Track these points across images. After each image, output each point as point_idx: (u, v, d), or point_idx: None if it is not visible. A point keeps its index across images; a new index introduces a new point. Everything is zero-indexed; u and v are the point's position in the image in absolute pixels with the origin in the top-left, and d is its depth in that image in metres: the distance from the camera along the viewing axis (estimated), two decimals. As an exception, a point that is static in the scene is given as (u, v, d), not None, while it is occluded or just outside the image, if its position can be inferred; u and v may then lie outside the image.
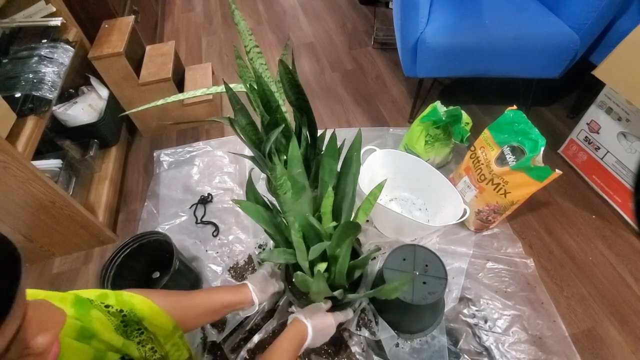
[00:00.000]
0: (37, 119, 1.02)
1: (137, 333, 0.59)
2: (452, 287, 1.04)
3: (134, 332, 0.58)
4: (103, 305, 0.55)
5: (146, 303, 0.61)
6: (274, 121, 0.93)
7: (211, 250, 1.19)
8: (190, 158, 1.49)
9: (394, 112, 1.63)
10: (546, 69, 1.27)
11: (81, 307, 0.52)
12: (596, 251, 1.12)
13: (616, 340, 0.96)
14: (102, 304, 0.55)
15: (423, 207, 1.23)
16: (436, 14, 1.26)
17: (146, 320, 0.59)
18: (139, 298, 0.60)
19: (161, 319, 0.62)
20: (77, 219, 1.12)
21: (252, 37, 0.98)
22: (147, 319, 0.60)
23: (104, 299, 0.57)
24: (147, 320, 0.60)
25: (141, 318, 0.59)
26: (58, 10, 1.29)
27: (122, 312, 0.57)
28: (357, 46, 2.02)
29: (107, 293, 0.58)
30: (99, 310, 0.54)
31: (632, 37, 0.98)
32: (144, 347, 0.59)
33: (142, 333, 0.59)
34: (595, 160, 1.24)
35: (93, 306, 0.54)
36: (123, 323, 0.57)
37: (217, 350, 0.96)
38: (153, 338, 0.60)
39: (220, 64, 1.99)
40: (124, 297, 0.59)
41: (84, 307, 0.53)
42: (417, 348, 0.94)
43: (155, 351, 0.60)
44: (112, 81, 1.42)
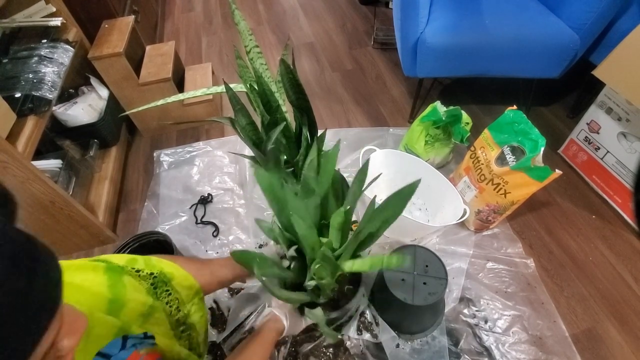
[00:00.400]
0: (37, 119, 1.02)
1: (165, 294, 0.63)
2: (453, 288, 1.04)
3: (162, 293, 0.63)
4: (134, 270, 0.60)
5: (173, 266, 0.66)
6: (274, 121, 0.93)
7: (211, 250, 1.19)
8: (190, 158, 1.49)
9: (394, 112, 1.63)
10: (546, 69, 1.27)
11: (113, 274, 0.56)
12: (596, 251, 1.12)
13: (616, 340, 0.96)
14: (133, 269, 0.60)
15: (423, 207, 1.23)
16: (436, 14, 1.26)
17: (174, 281, 0.64)
18: (166, 262, 0.65)
19: (187, 280, 0.67)
20: (77, 219, 1.12)
21: (252, 37, 0.98)
22: (176, 279, 0.64)
23: (134, 263, 0.61)
24: (175, 281, 0.64)
25: (170, 279, 0.64)
26: (58, 10, 1.29)
27: (152, 274, 0.61)
28: (357, 46, 2.02)
29: (136, 258, 0.62)
30: (130, 276, 0.58)
31: (632, 37, 0.98)
32: (171, 307, 0.63)
33: (170, 294, 0.64)
34: (595, 160, 1.24)
35: (125, 272, 0.58)
36: (153, 285, 0.61)
37: (217, 350, 0.96)
38: (179, 298, 0.65)
39: (220, 64, 1.99)
40: (153, 261, 0.64)
41: (116, 273, 0.57)
42: (418, 348, 0.94)
43: (179, 310, 0.65)
44: (112, 81, 1.42)
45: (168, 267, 0.65)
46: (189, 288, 0.67)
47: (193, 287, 0.68)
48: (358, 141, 1.48)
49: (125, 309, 0.55)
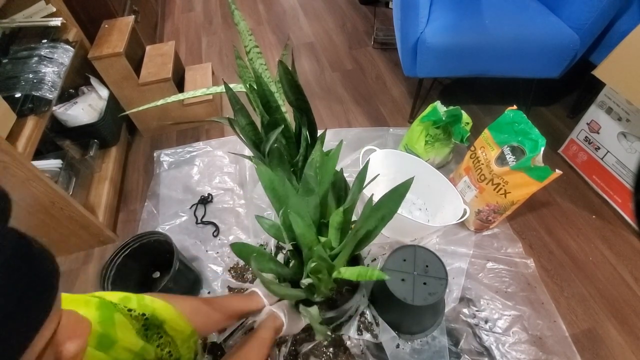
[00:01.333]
0: (37, 119, 1.02)
1: (157, 337, 0.61)
2: (453, 288, 1.04)
3: (154, 335, 0.60)
4: (126, 309, 0.57)
5: (167, 308, 0.63)
6: (273, 121, 0.93)
7: (211, 250, 1.19)
8: (191, 158, 1.49)
9: (394, 112, 1.63)
10: (546, 69, 1.27)
11: (105, 310, 0.54)
12: (596, 251, 1.12)
13: (616, 340, 0.96)
14: (125, 308, 0.57)
15: (423, 207, 1.23)
16: (436, 14, 1.26)
17: (167, 324, 0.62)
18: (160, 303, 0.62)
19: (181, 323, 0.64)
20: (77, 219, 1.12)
21: (252, 37, 0.98)
22: (168, 322, 0.62)
23: (127, 302, 0.59)
24: (168, 324, 0.62)
25: (162, 322, 0.61)
26: (58, 10, 1.29)
27: (144, 315, 0.59)
28: (357, 46, 2.02)
29: (130, 296, 0.60)
30: (122, 314, 0.56)
31: (632, 37, 0.98)
32: (162, 350, 0.61)
33: (162, 337, 0.61)
34: (595, 160, 1.24)
35: (116, 309, 0.56)
36: (144, 327, 0.59)
37: (218, 350, 0.96)
38: (171, 341, 0.62)
39: (220, 64, 1.99)
40: (146, 301, 0.61)
41: (108, 310, 0.55)
42: (418, 349, 0.94)
43: (171, 355, 0.63)
44: (112, 81, 1.42)
45: (160, 309, 0.61)
46: (182, 332, 0.64)
47: (186, 330, 0.64)
48: (358, 141, 1.48)
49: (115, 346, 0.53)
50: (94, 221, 1.16)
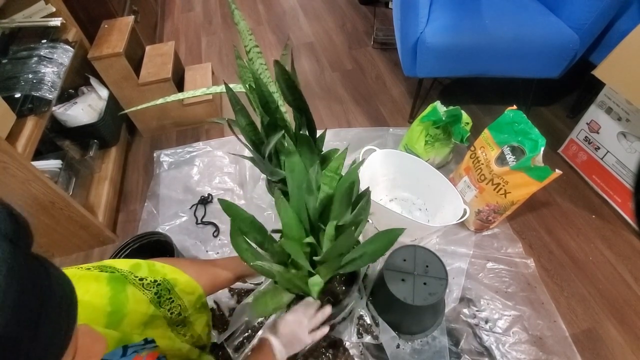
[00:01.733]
0: (37, 119, 1.02)
1: (168, 302, 0.62)
2: (453, 288, 1.04)
3: (165, 301, 0.62)
4: (137, 279, 0.59)
5: (176, 272, 0.65)
6: (273, 122, 0.93)
7: (211, 250, 1.19)
8: (190, 158, 1.48)
9: (393, 112, 1.63)
10: (546, 69, 1.27)
11: (117, 284, 0.55)
12: (596, 251, 1.12)
13: (616, 340, 0.96)
14: (137, 278, 0.59)
15: (423, 207, 1.23)
16: (436, 14, 1.26)
17: (178, 287, 0.63)
18: (169, 268, 0.64)
19: (190, 286, 0.66)
20: (77, 220, 1.12)
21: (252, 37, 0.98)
22: (179, 286, 0.64)
23: (137, 269, 0.60)
24: (179, 287, 0.64)
25: (173, 285, 0.63)
26: (58, 10, 1.29)
27: (156, 282, 0.61)
28: (357, 46, 2.02)
29: (140, 263, 0.62)
30: (134, 285, 0.58)
31: (632, 37, 0.98)
32: (172, 313, 0.63)
33: (173, 301, 0.63)
34: (595, 160, 1.24)
35: (128, 281, 0.57)
36: (157, 294, 0.60)
37: (219, 350, 0.96)
38: (181, 305, 0.64)
39: (220, 64, 1.99)
40: (157, 266, 0.63)
41: (119, 284, 0.56)
42: (418, 349, 0.94)
43: (180, 315, 0.64)
44: (112, 81, 1.41)
45: (171, 273, 0.64)
46: (192, 293, 0.66)
47: (196, 291, 0.67)
48: (358, 141, 1.48)
49: (125, 320, 0.54)
50: (94, 221, 1.16)
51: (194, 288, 0.67)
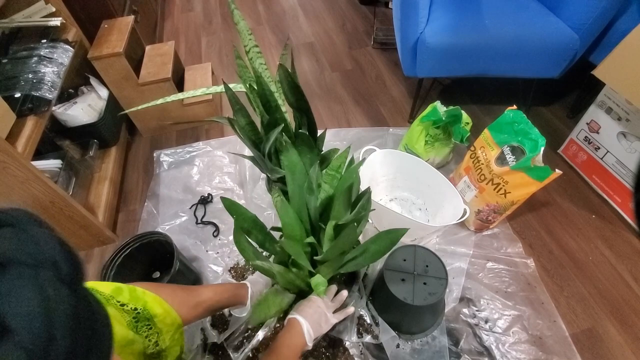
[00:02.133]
0: (37, 119, 1.02)
1: (145, 328, 0.62)
2: (453, 288, 1.04)
3: (143, 327, 0.61)
4: (119, 303, 0.59)
5: (157, 301, 0.64)
6: (273, 121, 0.93)
7: (211, 250, 1.19)
8: (190, 158, 1.48)
9: (393, 112, 1.63)
10: (546, 68, 1.27)
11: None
12: (596, 251, 1.12)
13: (616, 340, 0.96)
14: (118, 302, 0.58)
15: (423, 207, 1.23)
16: (436, 13, 1.26)
17: (157, 318, 0.63)
18: (151, 296, 0.63)
19: (171, 316, 0.65)
20: (77, 219, 1.12)
21: (252, 37, 0.98)
22: (158, 316, 0.63)
23: (119, 294, 0.60)
24: (158, 317, 0.63)
25: (153, 315, 0.62)
26: (57, 10, 1.29)
27: (135, 309, 0.60)
28: (356, 46, 2.02)
29: (121, 287, 0.61)
30: (114, 308, 0.58)
31: (632, 37, 0.98)
32: (150, 341, 0.62)
33: (150, 328, 0.62)
34: (595, 160, 1.24)
35: (109, 304, 0.57)
36: (135, 319, 0.60)
37: (219, 350, 0.96)
38: (159, 333, 0.63)
39: (220, 64, 1.99)
40: (138, 293, 0.62)
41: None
42: (418, 349, 0.94)
43: (157, 345, 0.63)
44: (112, 81, 1.41)
45: (152, 302, 0.63)
46: (171, 324, 0.65)
47: (175, 322, 0.66)
48: (358, 141, 1.48)
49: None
50: (94, 221, 1.16)
51: (173, 319, 0.66)
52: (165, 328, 0.64)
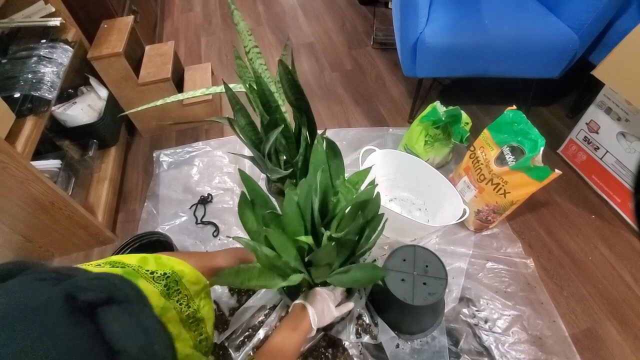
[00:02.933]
0: (36, 119, 1.02)
1: (176, 293, 0.64)
2: (452, 288, 1.04)
3: (174, 292, 0.64)
4: (148, 272, 0.60)
5: (182, 264, 0.67)
6: (273, 121, 0.93)
7: (211, 250, 1.19)
8: (190, 158, 1.48)
9: (393, 112, 1.63)
10: (545, 69, 1.27)
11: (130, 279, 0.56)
12: (596, 251, 1.13)
13: (616, 340, 0.96)
14: (147, 272, 0.60)
15: (423, 207, 1.23)
16: (436, 14, 1.26)
17: (185, 279, 0.65)
18: (175, 260, 0.66)
19: (196, 277, 0.68)
20: (77, 219, 1.12)
21: (252, 37, 0.98)
22: (186, 277, 0.66)
23: (145, 263, 0.61)
24: (186, 278, 0.66)
25: (180, 277, 0.65)
26: (57, 10, 1.29)
27: (165, 274, 0.62)
28: (356, 46, 2.02)
29: (147, 257, 0.63)
30: (145, 279, 0.59)
31: (632, 37, 0.98)
32: (181, 304, 0.64)
33: (180, 292, 0.65)
34: (595, 160, 1.24)
35: (139, 275, 0.59)
36: (166, 287, 0.62)
37: (219, 350, 0.96)
38: (188, 295, 0.66)
39: (219, 64, 1.99)
40: (163, 260, 0.65)
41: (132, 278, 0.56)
42: (418, 349, 0.94)
43: (189, 307, 0.66)
44: (112, 81, 1.41)
45: (178, 265, 0.66)
46: (197, 284, 0.68)
47: (201, 282, 0.69)
48: (357, 141, 1.48)
49: None
50: (93, 221, 1.16)
51: (198, 278, 0.69)
52: (192, 288, 0.67)
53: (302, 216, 0.76)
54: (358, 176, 0.77)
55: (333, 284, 0.81)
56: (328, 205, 0.79)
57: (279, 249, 0.71)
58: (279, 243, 0.71)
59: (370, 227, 0.78)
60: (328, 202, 0.79)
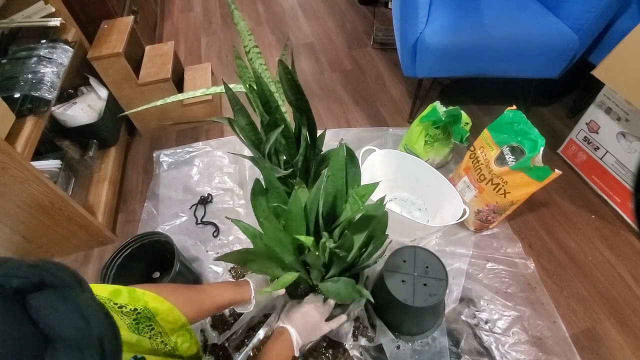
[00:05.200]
0: (36, 120, 1.02)
1: (147, 329, 0.60)
2: (453, 288, 1.04)
3: (145, 328, 0.60)
4: (116, 306, 0.56)
5: (157, 299, 0.62)
6: (273, 121, 0.93)
7: (212, 250, 1.19)
8: (190, 158, 1.48)
9: (393, 112, 1.63)
10: (545, 69, 1.27)
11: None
12: (596, 251, 1.12)
13: (616, 340, 0.96)
14: (116, 305, 0.56)
15: (423, 207, 1.23)
16: (435, 14, 1.26)
17: (159, 316, 0.61)
18: (151, 295, 0.62)
19: (173, 314, 0.64)
20: (76, 220, 1.12)
21: (252, 37, 0.98)
22: (160, 314, 0.61)
23: (117, 296, 0.58)
24: (160, 315, 0.61)
25: (154, 314, 0.60)
26: (57, 10, 1.29)
27: (135, 310, 0.58)
28: (356, 46, 2.02)
29: (120, 290, 0.59)
30: (112, 312, 0.55)
31: (632, 37, 0.98)
32: (155, 340, 0.61)
33: (153, 329, 0.61)
34: (595, 160, 1.24)
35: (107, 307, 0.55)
36: (135, 321, 0.58)
37: (220, 350, 0.96)
38: (162, 332, 0.62)
39: (219, 64, 1.99)
40: (137, 293, 0.60)
41: None
42: (418, 350, 0.94)
43: (165, 344, 0.62)
44: (112, 81, 1.41)
45: (153, 302, 0.61)
46: (174, 322, 0.64)
47: (178, 320, 0.65)
48: (357, 141, 1.48)
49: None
50: (93, 222, 1.16)
51: (176, 317, 0.64)
52: (168, 326, 0.63)
53: (307, 216, 0.75)
54: (365, 189, 0.77)
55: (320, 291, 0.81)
56: (337, 211, 0.79)
57: (273, 242, 0.71)
58: (273, 237, 0.70)
59: (375, 244, 0.78)
60: (338, 208, 0.79)
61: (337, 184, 0.77)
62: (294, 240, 0.73)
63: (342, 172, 0.77)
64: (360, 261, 0.80)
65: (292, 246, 0.73)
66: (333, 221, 0.79)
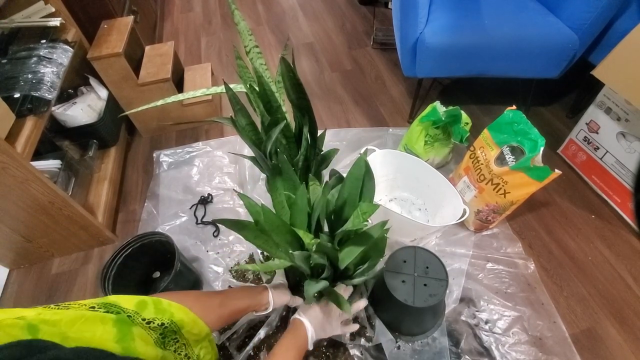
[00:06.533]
0: (36, 120, 1.02)
1: (173, 342, 0.60)
2: (453, 288, 1.04)
3: (170, 341, 0.60)
4: (144, 322, 0.57)
5: (184, 311, 0.62)
6: (274, 121, 0.93)
7: (212, 250, 1.19)
8: (190, 158, 1.48)
9: (393, 112, 1.63)
10: (545, 69, 1.27)
11: (123, 327, 0.54)
12: (596, 251, 1.13)
13: (616, 340, 0.96)
14: (144, 321, 0.57)
15: (423, 207, 1.23)
16: (435, 14, 1.26)
17: (185, 329, 0.61)
18: (176, 306, 0.62)
19: (198, 326, 0.64)
20: (76, 220, 1.12)
21: (252, 37, 0.98)
22: (186, 327, 0.61)
23: (143, 308, 0.58)
24: (186, 328, 0.61)
25: (180, 327, 0.61)
26: (57, 10, 1.29)
27: (162, 324, 0.58)
28: (356, 46, 2.02)
29: (146, 301, 0.59)
30: (140, 327, 0.56)
31: (632, 37, 0.98)
32: (180, 354, 0.61)
33: (177, 341, 0.61)
34: (595, 160, 1.24)
35: (134, 324, 0.55)
36: (162, 335, 0.58)
37: (220, 350, 0.96)
38: (186, 344, 0.62)
39: (219, 64, 1.99)
40: (163, 305, 0.60)
41: (125, 326, 0.54)
42: (418, 350, 0.94)
43: (189, 357, 0.62)
44: (111, 81, 1.41)
45: (178, 313, 0.62)
46: (198, 334, 0.65)
47: (202, 331, 0.66)
48: (357, 141, 1.48)
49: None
50: (93, 222, 1.16)
51: (200, 328, 0.65)
52: (192, 338, 0.63)
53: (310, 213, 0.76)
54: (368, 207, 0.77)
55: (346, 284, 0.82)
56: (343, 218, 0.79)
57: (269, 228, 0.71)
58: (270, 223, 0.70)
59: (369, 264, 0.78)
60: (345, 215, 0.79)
61: (352, 192, 0.77)
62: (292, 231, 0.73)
63: (358, 182, 0.77)
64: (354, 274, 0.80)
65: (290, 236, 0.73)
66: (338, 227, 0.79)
